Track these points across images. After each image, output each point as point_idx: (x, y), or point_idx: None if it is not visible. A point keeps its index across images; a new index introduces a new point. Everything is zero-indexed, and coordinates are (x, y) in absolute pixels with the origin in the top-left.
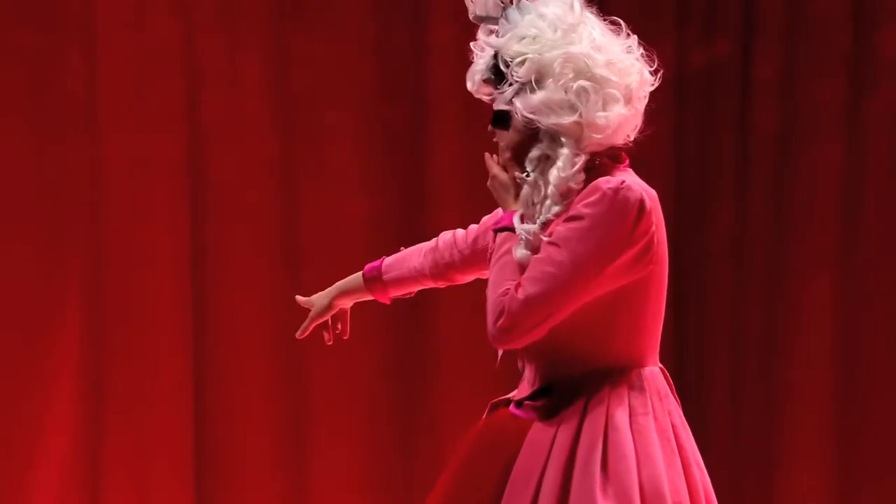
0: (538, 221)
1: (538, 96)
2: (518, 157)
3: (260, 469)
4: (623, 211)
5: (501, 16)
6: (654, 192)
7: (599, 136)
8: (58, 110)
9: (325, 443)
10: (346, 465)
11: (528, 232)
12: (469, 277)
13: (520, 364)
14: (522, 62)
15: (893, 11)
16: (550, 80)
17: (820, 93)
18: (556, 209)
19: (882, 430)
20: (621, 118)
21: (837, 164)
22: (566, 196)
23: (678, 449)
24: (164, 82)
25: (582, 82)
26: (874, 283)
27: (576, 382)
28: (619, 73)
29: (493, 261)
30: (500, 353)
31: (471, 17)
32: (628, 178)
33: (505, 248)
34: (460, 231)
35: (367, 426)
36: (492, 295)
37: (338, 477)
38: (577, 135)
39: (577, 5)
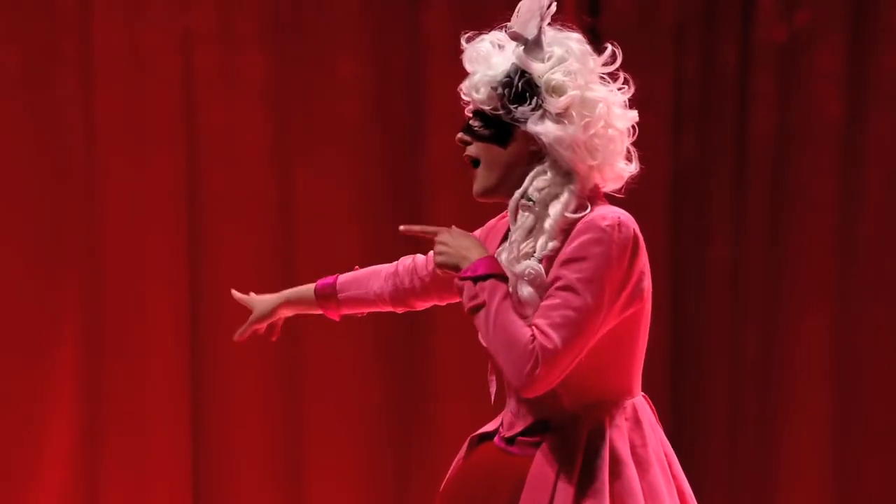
0: (536, 256)
1: (568, 131)
2: (506, 175)
3: (257, 490)
4: (622, 248)
5: (533, 38)
6: (637, 226)
7: (603, 185)
8: (54, 129)
9: (322, 463)
10: (343, 486)
11: (533, 268)
12: (428, 304)
13: (508, 396)
14: (561, 94)
15: (891, 28)
16: (587, 119)
17: (818, 112)
18: (552, 244)
19: (880, 455)
20: (626, 174)
21: (836, 187)
22: (562, 233)
23: (672, 478)
24: (161, 98)
25: (611, 131)
26: (872, 307)
27: (573, 416)
28: (627, 132)
29: (491, 310)
30: (494, 389)
31: (508, 33)
32: (615, 212)
33: (500, 294)
34: (420, 256)
35: (364, 447)
36: (513, 345)
37: (334, 498)
38: (587, 177)
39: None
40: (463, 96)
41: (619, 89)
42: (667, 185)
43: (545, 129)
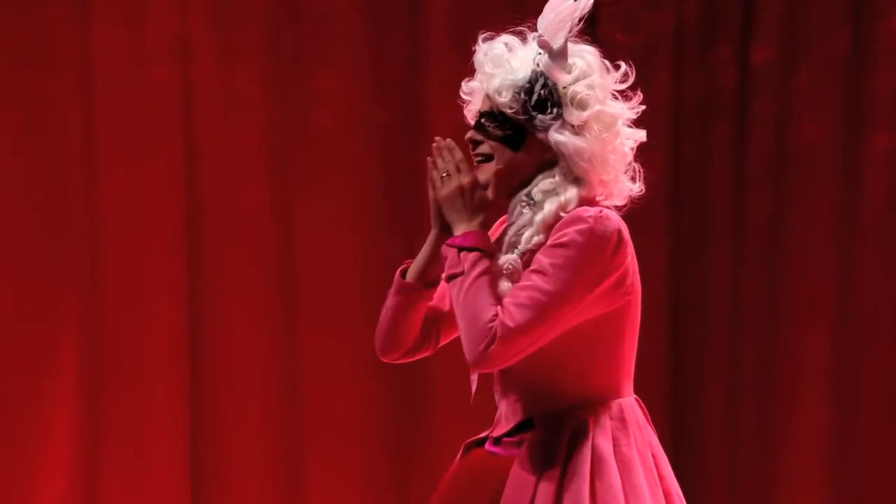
0: (518, 251)
1: (588, 144)
2: (510, 177)
3: (257, 502)
4: (603, 239)
5: (559, 48)
6: (625, 225)
7: (607, 199)
8: (52, 139)
9: (322, 476)
10: (343, 496)
11: (512, 263)
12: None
13: (497, 398)
14: (584, 108)
15: (892, 50)
16: (605, 135)
17: (817, 130)
18: (537, 239)
19: (880, 467)
20: (632, 192)
21: (835, 203)
22: (548, 228)
23: (659, 479)
24: (160, 109)
25: (627, 150)
26: (871, 318)
27: (557, 415)
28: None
29: (466, 281)
30: (475, 389)
31: (538, 41)
32: (600, 208)
33: (480, 269)
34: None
35: (363, 459)
36: (475, 320)
37: None
38: (594, 188)
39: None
40: (464, 96)
41: (631, 107)
42: (666, 200)
43: (566, 140)
